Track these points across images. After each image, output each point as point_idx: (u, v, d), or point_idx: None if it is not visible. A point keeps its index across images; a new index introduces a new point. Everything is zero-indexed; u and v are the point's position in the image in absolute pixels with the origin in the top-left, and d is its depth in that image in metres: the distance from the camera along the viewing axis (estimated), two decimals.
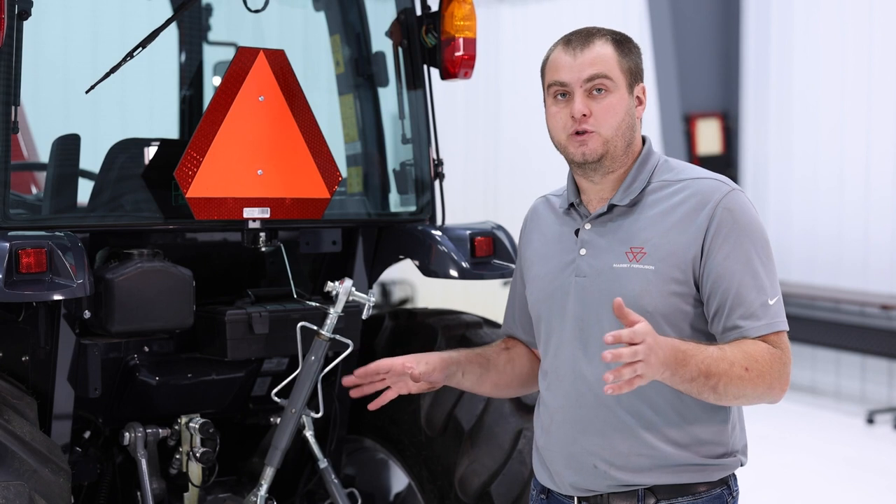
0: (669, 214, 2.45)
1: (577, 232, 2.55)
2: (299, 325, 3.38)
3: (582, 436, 2.50)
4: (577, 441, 2.51)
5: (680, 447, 2.44)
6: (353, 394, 2.81)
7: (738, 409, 2.53)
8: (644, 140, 2.58)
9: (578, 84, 2.45)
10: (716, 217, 2.40)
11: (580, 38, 2.48)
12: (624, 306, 2.23)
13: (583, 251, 2.52)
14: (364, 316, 3.40)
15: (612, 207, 2.51)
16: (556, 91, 2.48)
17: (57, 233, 3.10)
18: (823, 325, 9.11)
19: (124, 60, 3.38)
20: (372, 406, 2.79)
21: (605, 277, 2.46)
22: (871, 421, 8.36)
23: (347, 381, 2.79)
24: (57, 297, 3.03)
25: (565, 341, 2.53)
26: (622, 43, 2.50)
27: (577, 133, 2.45)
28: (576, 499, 2.53)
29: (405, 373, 2.71)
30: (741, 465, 2.55)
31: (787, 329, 2.43)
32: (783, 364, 2.38)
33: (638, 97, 2.52)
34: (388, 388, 2.76)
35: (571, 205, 2.59)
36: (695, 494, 2.46)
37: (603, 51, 2.46)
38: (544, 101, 2.55)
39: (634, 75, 2.51)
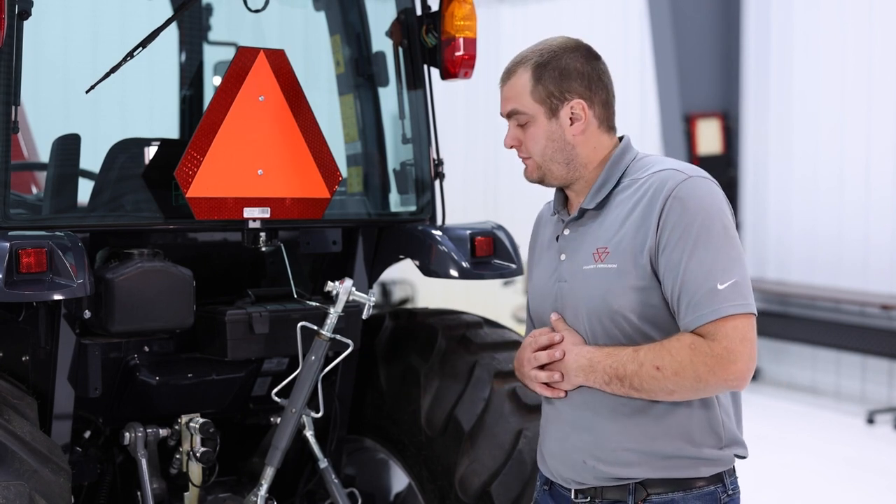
0: (631, 212, 2.48)
1: (557, 238, 2.63)
2: (299, 325, 3.38)
3: (571, 433, 2.56)
4: (568, 437, 2.57)
5: (667, 441, 2.45)
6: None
7: (728, 401, 2.51)
8: (622, 139, 2.61)
9: (507, 118, 2.62)
10: (665, 208, 2.42)
11: (505, 73, 2.61)
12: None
13: (563, 256, 2.60)
14: (364, 316, 3.40)
15: (583, 212, 2.57)
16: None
17: (57, 233, 3.10)
18: (823, 325, 9.11)
19: (124, 60, 3.38)
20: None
21: (578, 280, 2.53)
22: (871, 421, 8.36)
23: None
24: (57, 296, 3.03)
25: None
26: (543, 67, 2.53)
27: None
28: (573, 491, 2.58)
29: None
30: (738, 459, 2.54)
31: (744, 312, 2.35)
32: (712, 356, 2.32)
33: (572, 115, 2.54)
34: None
35: (558, 211, 2.67)
36: (686, 489, 2.46)
37: (517, 83, 2.57)
38: None
39: (557, 98, 2.53)
